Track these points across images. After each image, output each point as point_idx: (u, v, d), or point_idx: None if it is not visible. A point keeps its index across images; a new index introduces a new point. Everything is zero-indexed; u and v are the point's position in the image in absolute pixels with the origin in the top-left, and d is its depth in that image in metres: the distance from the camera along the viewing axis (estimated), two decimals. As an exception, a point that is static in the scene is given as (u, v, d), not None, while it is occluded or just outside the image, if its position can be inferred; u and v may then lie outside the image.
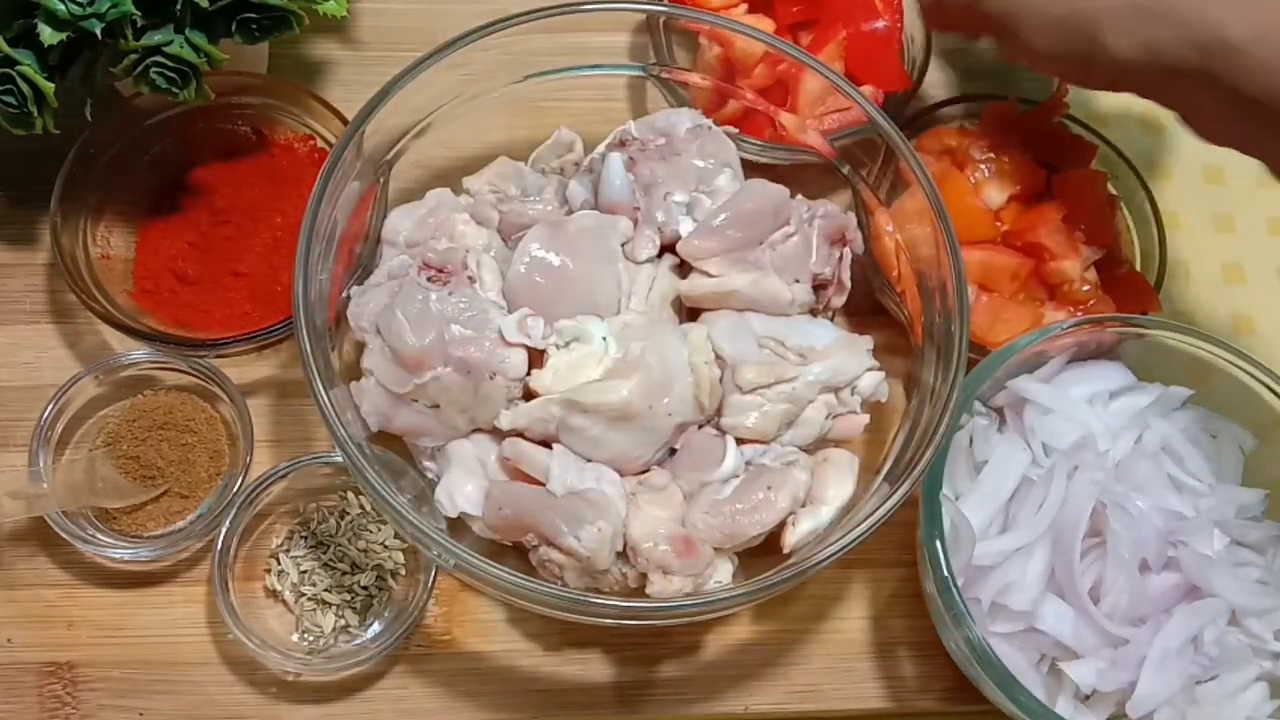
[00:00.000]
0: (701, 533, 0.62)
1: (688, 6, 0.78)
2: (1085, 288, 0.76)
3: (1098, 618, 0.64)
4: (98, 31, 0.64)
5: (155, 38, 0.66)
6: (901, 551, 0.73)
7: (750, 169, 0.73)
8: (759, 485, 0.63)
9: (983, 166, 0.78)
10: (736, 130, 0.74)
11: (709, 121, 0.72)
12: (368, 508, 0.71)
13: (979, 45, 0.80)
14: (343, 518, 0.70)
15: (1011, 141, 0.78)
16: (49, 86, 0.65)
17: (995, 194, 0.78)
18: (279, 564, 0.69)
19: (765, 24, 0.80)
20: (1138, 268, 0.79)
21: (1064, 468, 0.66)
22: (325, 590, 0.68)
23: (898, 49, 0.82)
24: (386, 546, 0.70)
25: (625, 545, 0.62)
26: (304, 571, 0.69)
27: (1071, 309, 0.76)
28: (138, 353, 0.70)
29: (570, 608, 0.58)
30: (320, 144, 0.77)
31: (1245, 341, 0.77)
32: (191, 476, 0.70)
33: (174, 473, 0.69)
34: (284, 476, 0.68)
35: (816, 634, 0.72)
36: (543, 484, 0.62)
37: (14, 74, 0.64)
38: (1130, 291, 0.77)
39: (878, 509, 0.60)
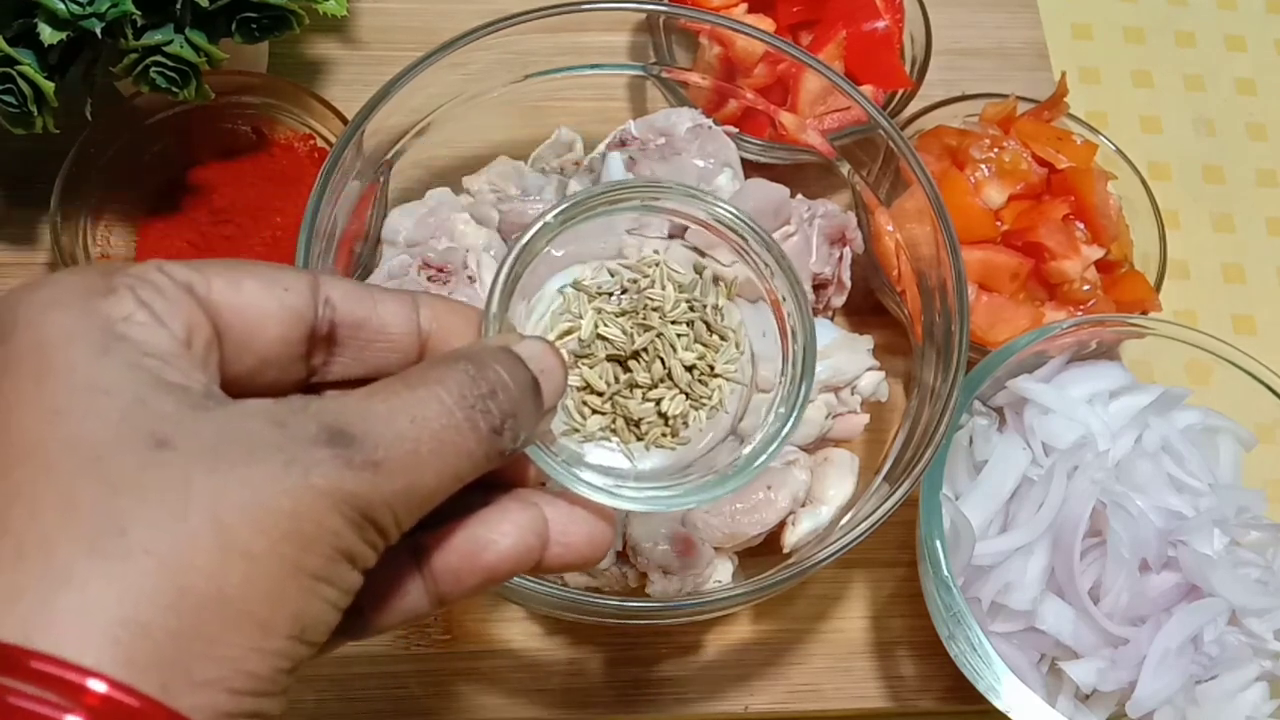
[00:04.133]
0: (701, 532, 0.62)
1: (688, 6, 0.78)
2: (1085, 288, 0.76)
3: (1098, 617, 0.64)
4: (98, 31, 0.64)
5: (155, 37, 0.66)
6: (901, 551, 0.73)
7: (750, 168, 0.73)
8: (759, 485, 0.63)
9: (983, 166, 0.78)
10: (736, 130, 0.74)
11: (709, 121, 0.72)
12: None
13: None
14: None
15: (1011, 141, 0.79)
16: (49, 86, 0.65)
17: (995, 194, 0.78)
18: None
19: (765, 24, 0.80)
20: (1138, 268, 0.79)
21: (1064, 467, 0.66)
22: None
23: (898, 49, 0.82)
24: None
25: (625, 545, 0.62)
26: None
27: (1071, 309, 0.76)
28: None
29: (570, 607, 0.58)
30: (320, 143, 0.77)
31: (1245, 341, 0.77)
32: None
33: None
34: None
35: (816, 633, 0.72)
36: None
37: (14, 74, 0.64)
38: (1130, 291, 0.77)
39: (878, 509, 0.59)
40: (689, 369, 0.50)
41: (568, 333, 0.49)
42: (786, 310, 0.47)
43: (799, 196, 0.70)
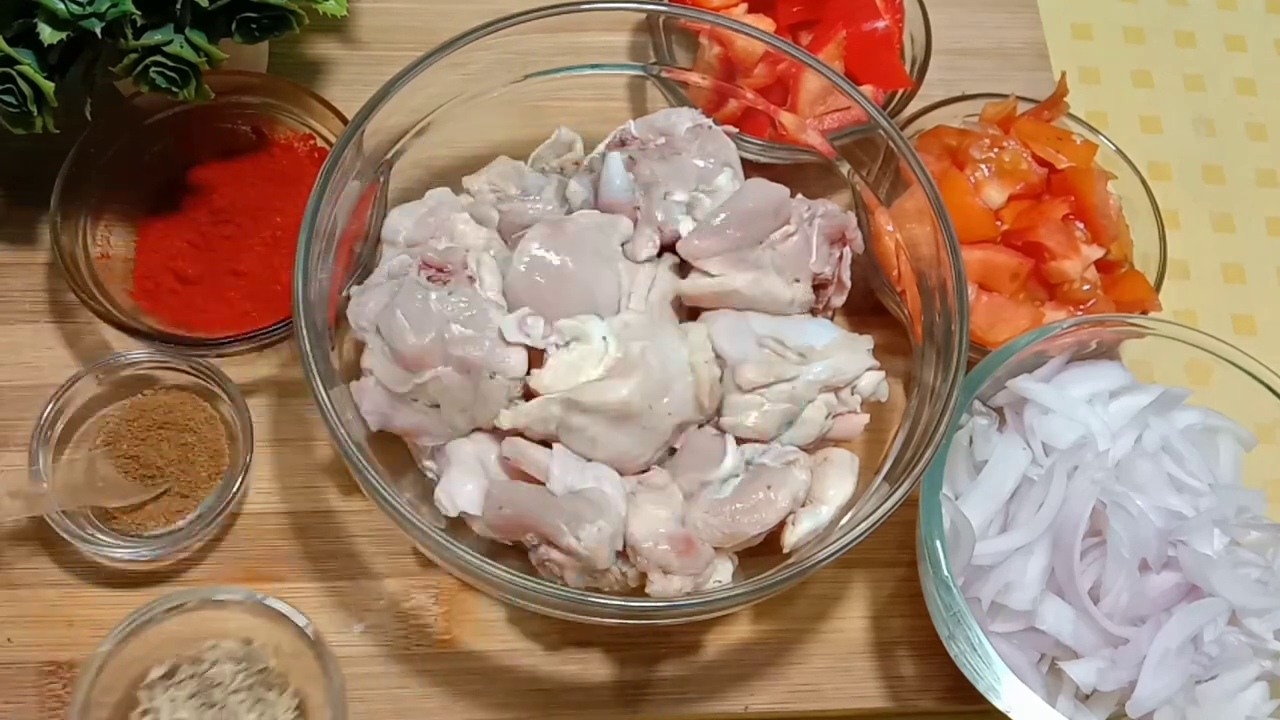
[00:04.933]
0: (701, 532, 0.62)
1: (688, 6, 0.78)
2: (1085, 288, 0.76)
3: (1098, 617, 0.64)
4: (98, 31, 0.64)
5: (155, 37, 0.66)
6: (901, 551, 0.73)
7: (750, 168, 0.73)
8: (759, 485, 0.63)
9: (983, 166, 0.78)
10: (736, 130, 0.74)
11: (709, 121, 0.72)
12: (271, 665, 0.64)
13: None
14: (241, 673, 0.63)
15: (1011, 141, 0.79)
16: (49, 86, 0.65)
17: (995, 194, 0.78)
18: (151, 699, 0.62)
19: (765, 24, 0.80)
20: (1138, 268, 0.79)
21: (1064, 467, 0.66)
22: None
23: (898, 49, 0.82)
24: None
25: (625, 545, 0.62)
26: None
27: (1071, 309, 0.76)
28: (137, 352, 0.70)
29: (570, 607, 0.58)
30: (320, 143, 0.77)
31: (1245, 341, 0.77)
32: (191, 476, 0.69)
33: (174, 472, 0.69)
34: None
35: (816, 633, 0.72)
36: (543, 483, 0.62)
37: (14, 74, 0.64)
38: (1130, 291, 0.77)
39: (878, 509, 0.60)
40: None
41: None
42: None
43: (799, 196, 0.70)
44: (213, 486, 0.69)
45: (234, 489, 0.68)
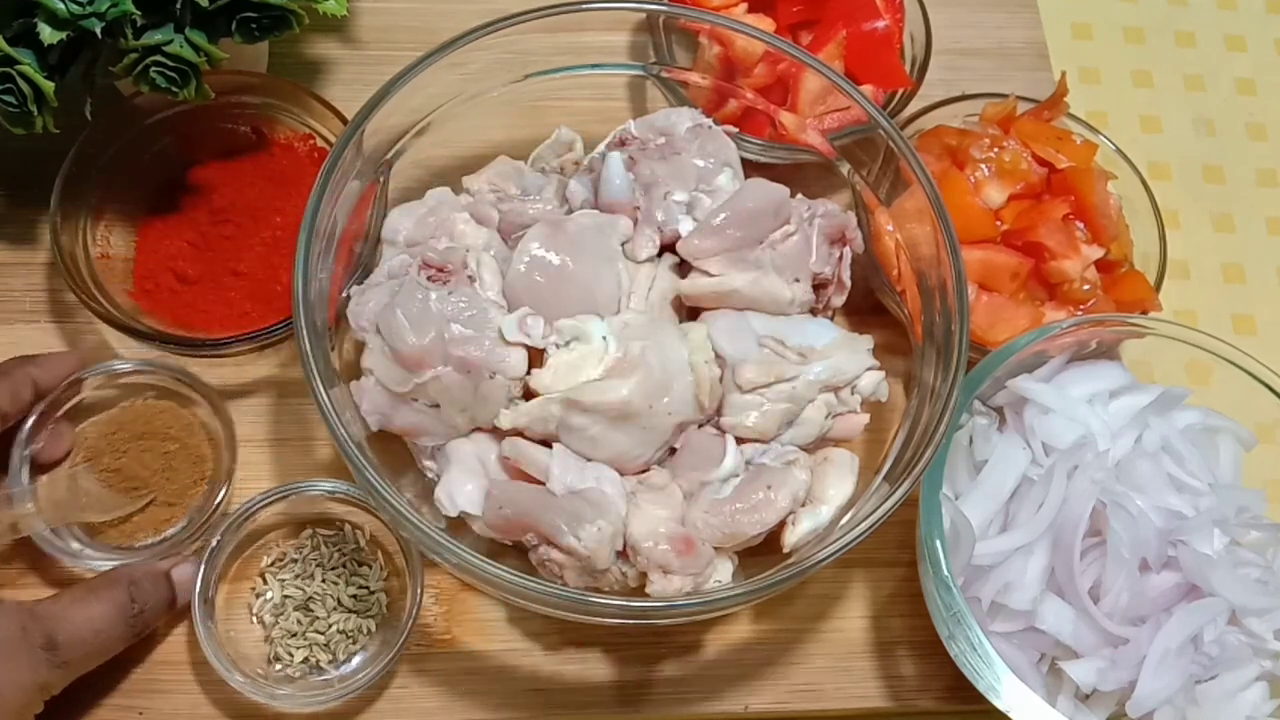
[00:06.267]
0: (701, 532, 0.62)
1: (688, 6, 0.78)
2: (1085, 288, 0.76)
3: (1098, 617, 0.64)
4: (98, 31, 0.64)
5: (155, 37, 0.66)
6: (901, 551, 0.73)
7: (750, 168, 0.73)
8: (759, 485, 0.63)
9: (983, 166, 0.78)
10: (736, 129, 0.74)
11: (709, 121, 0.72)
12: (363, 543, 0.70)
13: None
14: (336, 551, 0.69)
15: (1011, 141, 0.79)
16: (49, 86, 0.65)
17: (995, 194, 0.78)
18: (264, 583, 0.69)
19: (765, 23, 0.80)
20: (1138, 268, 0.79)
21: (1064, 467, 0.66)
22: (300, 625, 0.68)
23: (898, 49, 0.82)
24: (371, 591, 0.69)
25: (625, 544, 0.62)
26: (287, 596, 0.68)
27: (1071, 309, 0.76)
28: (101, 366, 0.69)
29: (570, 607, 0.58)
30: (320, 143, 0.77)
31: (1245, 341, 0.77)
32: (176, 484, 0.69)
33: (158, 481, 0.69)
34: (280, 500, 0.68)
35: (816, 633, 0.72)
36: (543, 483, 0.62)
37: (14, 73, 0.64)
38: (1130, 291, 0.77)
39: (878, 509, 0.59)
40: (353, 597, 0.68)
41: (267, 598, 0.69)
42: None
43: (799, 196, 0.70)
44: (199, 492, 0.69)
45: (221, 493, 0.67)
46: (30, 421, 0.67)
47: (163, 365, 0.70)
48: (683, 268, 0.68)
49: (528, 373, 0.63)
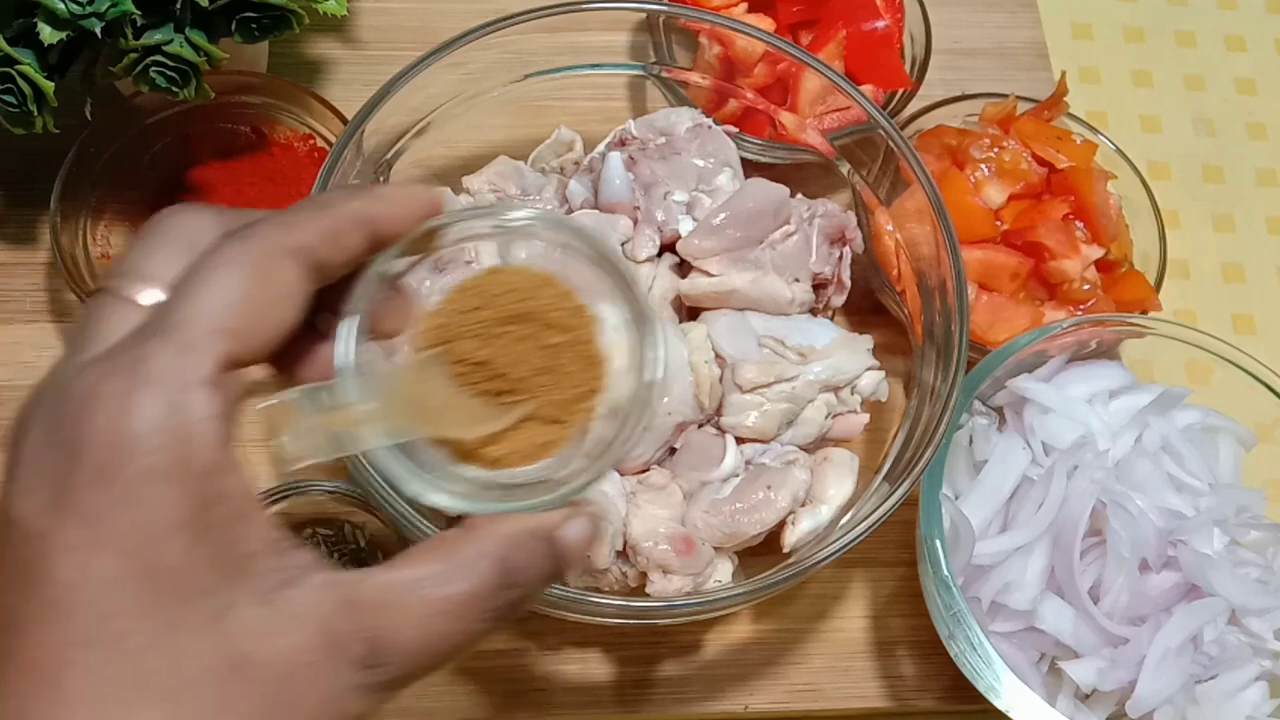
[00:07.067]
0: (701, 532, 0.62)
1: (688, 6, 0.78)
2: (1085, 287, 0.76)
3: (1098, 617, 0.64)
4: (98, 31, 0.64)
5: (155, 37, 0.66)
6: (901, 551, 0.73)
7: (750, 168, 0.73)
8: (759, 484, 0.63)
9: (983, 166, 0.78)
10: (736, 129, 0.74)
11: (709, 120, 0.72)
12: (363, 543, 0.69)
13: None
14: (336, 551, 0.68)
15: (1011, 141, 0.79)
16: (49, 86, 0.65)
17: (995, 194, 0.78)
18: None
19: (765, 23, 0.80)
20: (1138, 267, 0.79)
21: (1064, 467, 0.66)
22: None
23: (898, 49, 0.82)
24: None
25: (625, 544, 0.62)
26: None
27: (1071, 309, 0.76)
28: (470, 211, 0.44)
29: (570, 607, 0.58)
30: (320, 143, 0.77)
31: (1245, 341, 0.77)
32: (564, 392, 0.43)
33: (540, 386, 0.42)
34: (280, 500, 0.67)
35: (816, 633, 0.72)
36: (542, 483, 0.62)
37: (14, 73, 0.64)
38: (1130, 291, 0.77)
39: (878, 508, 0.59)
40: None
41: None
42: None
43: (799, 196, 0.70)
44: (590, 407, 0.43)
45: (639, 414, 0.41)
46: (365, 282, 0.41)
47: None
48: (683, 268, 0.68)
49: (528, 373, 0.63)
